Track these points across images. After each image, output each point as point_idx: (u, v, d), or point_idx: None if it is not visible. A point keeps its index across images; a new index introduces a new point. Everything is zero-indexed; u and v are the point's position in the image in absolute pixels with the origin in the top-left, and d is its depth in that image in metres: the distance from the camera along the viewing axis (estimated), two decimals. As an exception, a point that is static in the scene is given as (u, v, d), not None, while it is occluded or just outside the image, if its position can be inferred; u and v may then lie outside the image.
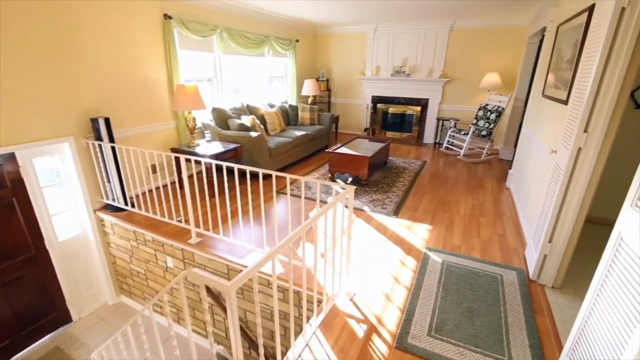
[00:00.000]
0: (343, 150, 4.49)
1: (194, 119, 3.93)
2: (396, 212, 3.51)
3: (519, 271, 2.48)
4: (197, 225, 2.94)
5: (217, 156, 3.76)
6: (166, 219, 3.06)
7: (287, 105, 6.03)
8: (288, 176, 2.31)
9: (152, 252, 3.30)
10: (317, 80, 7.30)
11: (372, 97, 7.16)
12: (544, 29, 4.10)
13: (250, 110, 5.14)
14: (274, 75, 6.31)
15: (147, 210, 3.24)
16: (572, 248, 2.21)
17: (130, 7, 3.52)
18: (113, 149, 3.26)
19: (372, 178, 4.55)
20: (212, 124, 4.51)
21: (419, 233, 3.10)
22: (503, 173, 4.95)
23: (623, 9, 1.74)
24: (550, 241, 2.24)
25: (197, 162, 4.13)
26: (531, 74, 5.17)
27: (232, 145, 4.04)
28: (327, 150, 4.34)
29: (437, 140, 6.60)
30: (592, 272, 1.39)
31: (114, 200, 3.46)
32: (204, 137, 4.55)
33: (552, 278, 2.31)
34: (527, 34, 5.12)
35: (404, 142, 6.88)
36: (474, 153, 5.97)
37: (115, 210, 3.51)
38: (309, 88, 6.42)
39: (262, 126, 4.65)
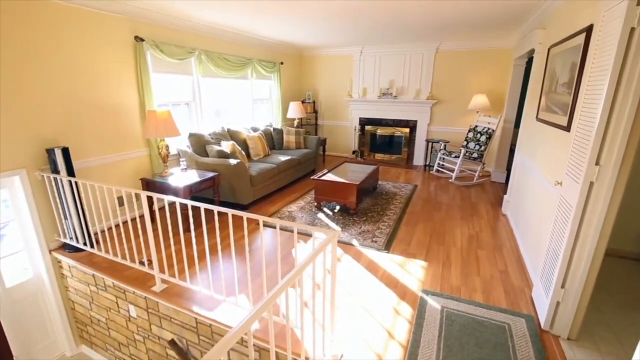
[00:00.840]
0: (329, 177, 4.22)
1: (166, 146, 3.62)
2: (388, 247, 3.21)
3: (528, 318, 2.19)
4: (161, 269, 2.58)
5: (191, 187, 3.44)
6: (127, 262, 2.69)
7: (272, 129, 5.79)
8: (261, 218, 1.99)
9: (114, 299, 2.89)
10: (303, 102, 7.13)
11: (360, 119, 7.01)
12: (531, 51, 4.01)
13: (231, 135, 4.87)
14: (258, 98, 6.10)
15: (107, 252, 2.86)
16: (588, 293, 1.94)
17: (96, 28, 3.27)
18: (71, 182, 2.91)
19: (362, 206, 4.28)
20: (189, 150, 4.21)
21: (413, 271, 2.80)
22: (497, 197, 4.74)
23: (632, 29, 1.56)
24: (562, 286, 1.97)
25: (171, 194, 3.81)
26: (520, 96, 5.09)
27: (209, 174, 3.73)
28: (312, 178, 4.07)
29: (427, 162, 6.42)
30: (611, 317, 1.11)
31: (71, 239, 3.07)
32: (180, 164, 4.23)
33: (567, 328, 2.02)
34: (513, 56, 5.07)
35: (394, 165, 6.68)
36: (465, 176, 5.79)
37: (73, 250, 3.12)
38: (295, 111, 6.22)
39: (243, 152, 4.37)
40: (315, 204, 4.18)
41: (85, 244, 3.02)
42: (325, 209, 4.16)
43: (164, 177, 3.61)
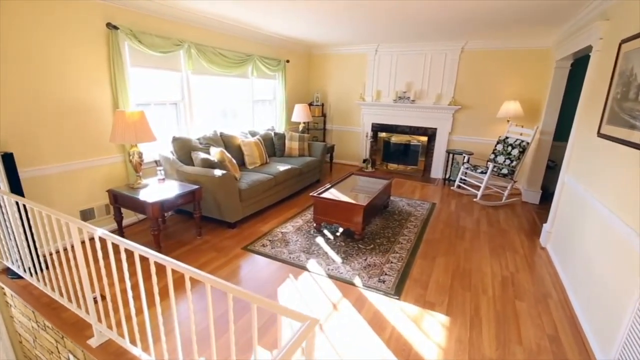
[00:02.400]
0: (332, 193, 3.58)
1: (139, 153, 3.07)
2: (399, 290, 2.55)
3: None
4: (99, 318, 1.98)
5: (162, 203, 2.87)
6: (64, 301, 2.13)
7: (273, 134, 5.20)
8: (188, 272, 1.35)
9: (54, 342, 2.34)
10: (311, 105, 6.52)
11: (372, 124, 6.35)
12: (583, 50, 3.28)
13: (224, 140, 4.30)
14: (260, 99, 5.53)
15: (45, 284, 2.31)
16: None
17: (59, 11, 2.75)
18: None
19: (369, 228, 3.62)
20: (173, 157, 3.65)
21: (432, 332, 2.13)
22: (531, 223, 4.00)
23: None
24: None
25: (140, 210, 3.27)
26: (562, 103, 4.33)
27: (189, 187, 3.16)
28: (311, 194, 3.45)
29: (447, 176, 5.69)
30: None
31: (14, 262, 2.54)
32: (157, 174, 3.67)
33: None
34: (554, 57, 4.32)
35: (409, 177, 5.98)
36: (491, 194, 5.04)
37: (16, 276, 2.59)
38: (300, 114, 5.62)
39: (234, 161, 3.78)
40: (315, 224, 3.54)
41: (29, 269, 2.48)
42: (325, 231, 3.52)
43: (136, 189, 3.06)
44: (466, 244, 3.37)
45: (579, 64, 4.50)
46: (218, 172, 3.27)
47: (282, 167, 4.34)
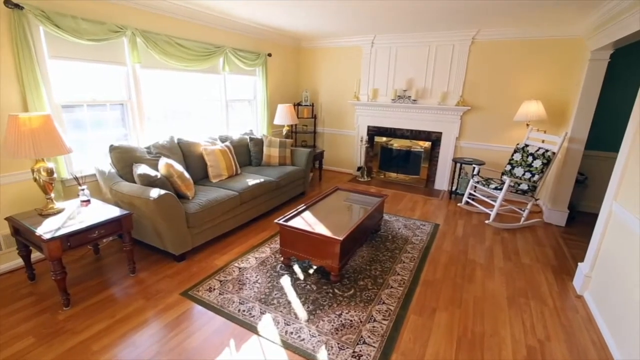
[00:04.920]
0: (304, 219, 2.82)
1: (47, 169, 2.35)
2: (380, 374, 1.79)
3: None
4: None
5: (68, 239, 2.14)
6: None
7: (248, 139, 4.46)
8: None
9: None
10: (299, 105, 5.77)
11: (368, 127, 5.57)
12: (627, 37, 2.47)
13: (182, 147, 3.57)
14: (236, 98, 4.79)
15: None
16: None
17: None
18: None
19: (352, 263, 2.86)
20: (111, 171, 2.94)
21: None
22: (559, 254, 3.19)
23: None
24: None
25: (39, 248, 2.49)
26: (597, 104, 3.51)
27: (114, 214, 2.43)
28: (277, 221, 2.69)
29: (454, 189, 4.89)
30: None
31: None
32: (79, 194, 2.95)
33: None
34: (588, 47, 3.48)
35: (409, 188, 5.19)
36: (507, 212, 4.23)
37: None
38: (283, 115, 4.87)
39: (185, 175, 3.04)
40: (282, 258, 2.79)
41: None
42: (296, 267, 2.77)
43: (44, 216, 2.35)
44: (477, 289, 2.58)
45: (621, 55, 3.66)
46: (154, 193, 2.54)
47: (253, 181, 3.60)
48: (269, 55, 5.00)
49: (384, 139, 5.57)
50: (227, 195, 3.18)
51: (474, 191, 4.31)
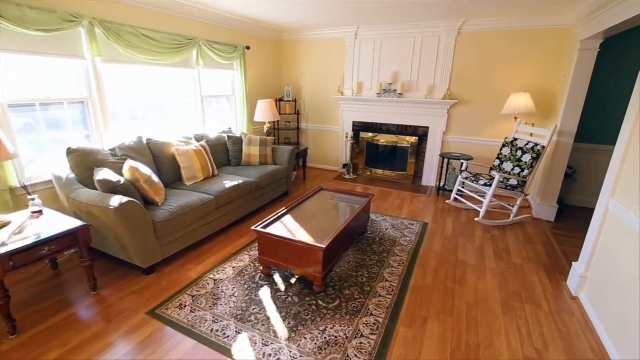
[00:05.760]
0: (284, 225, 2.61)
1: (-13, 178, 2.06)
2: (367, 401, 1.61)
3: None
4: None
5: (14, 254, 1.87)
6: None
7: (227, 137, 4.20)
8: None
9: None
10: (282, 101, 5.52)
11: (354, 123, 5.37)
12: (617, 26, 2.34)
13: (152, 148, 3.30)
14: (213, 94, 4.51)
15: None
16: None
17: None
18: None
19: (337, 270, 2.67)
20: (69, 177, 2.64)
21: None
22: (550, 252, 3.08)
23: None
24: None
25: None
26: (587, 96, 3.41)
27: (67, 226, 2.16)
28: (254, 228, 2.47)
29: (442, 185, 4.76)
30: None
31: None
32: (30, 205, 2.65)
33: None
34: (578, 37, 3.37)
35: (396, 185, 5.03)
36: (495, 209, 4.12)
37: None
38: (264, 112, 4.62)
39: (154, 179, 2.78)
40: (262, 268, 2.58)
41: None
42: (276, 277, 2.56)
43: (-13, 231, 2.06)
44: (469, 295, 2.44)
45: (610, 45, 3.57)
46: (115, 201, 2.28)
47: (231, 183, 3.36)
48: (248, 48, 4.72)
49: (370, 134, 5.39)
50: (201, 200, 2.93)
51: (462, 187, 4.18)
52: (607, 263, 2.15)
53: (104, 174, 2.54)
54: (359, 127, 5.36)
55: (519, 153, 3.70)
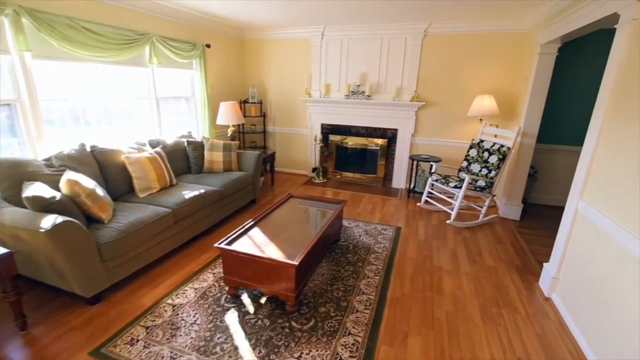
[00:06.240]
0: (251, 239, 2.39)
1: None
2: None
3: None
4: None
5: None
6: None
7: (186, 143, 3.86)
8: None
9: None
10: (246, 102, 5.25)
11: (322, 125, 5.23)
12: (575, 31, 2.40)
13: (97, 157, 2.91)
14: (169, 95, 4.14)
15: None
16: None
17: None
18: None
19: (311, 285, 2.49)
20: (-11, 192, 2.22)
21: None
22: (520, 252, 3.12)
23: None
24: None
25: None
26: (547, 98, 3.51)
27: (-14, 255, 1.78)
28: (217, 245, 2.22)
29: (412, 187, 4.74)
30: None
31: None
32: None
33: None
34: (538, 41, 3.47)
35: (367, 188, 4.95)
36: (464, 210, 4.16)
37: None
38: (227, 114, 4.33)
39: (98, 192, 2.43)
40: (227, 288, 2.33)
41: None
42: (244, 297, 2.32)
43: None
44: (447, 303, 2.36)
45: (568, 49, 3.71)
46: (47, 222, 1.92)
47: (191, 193, 3.05)
48: (208, 46, 4.40)
49: (339, 137, 5.27)
50: (156, 214, 2.62)
51: (432, 189, 4.18)
52: (578, 264, 2.17)
53: (34, 189, 2.15)
54: (328, 130, 5.22)
55: (486, 154, 3.76)
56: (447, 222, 3.72)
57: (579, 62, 3.89)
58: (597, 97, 2.12)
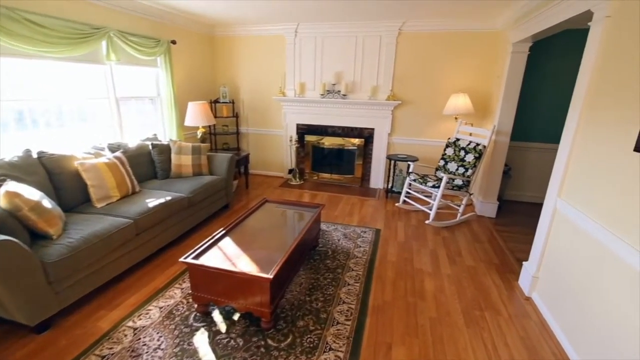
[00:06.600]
0: (221, 250, 2.20)
1: None
2: None
3: None
4: None
5: None
6: None
7: (151, 146, 3.59)
8: None
9: None
10: (216, 102, 5.00)
11: (298, 125, 5.08)
12: (544, 31, 2.40)
13: (46, 164, 2.60)
14: (131, 95, 3.84)
15: None
16: None
17: None
18: None
19: (287, 297, 2.34)
20: None
21: None
22: (498, 250, 3.12)
23: None
24: None
25: None
26: (520, 96, 3.55)
27: None
28: (182, 259, 2.02)
29: (390, 187, 4.69)
30: None
31: None
32: None
33: None
34: (510, 40, 3.49)
35: (344, 189, 4.85)
36: (442, 207, 4.14)
37: None
38: (196, 115, 4.07)
39: (44, 204, 2.15)
40: (196, 305, 2.14)
41: None
42: (215, 315, 2.14)
43: None
44: (430, 308, 2.29)
45: (538, 48, 3.77)
46: (-23, 244, 1.65)
47: (156, 201, 2.81)
48: (173, 42, 4.13)
49: (315, 137, 5.14)
50: (115, 226, 2.37)
51: (410, 188, 4.13)
52: (557, 262, 2.16)
53: (-37, 203, 1.86)
54: (304, 130, 5.08)
55: (462, 153, 3.75)
56: (426, 222, 3.68)
57: (547, 61, 3.97)
58: (572, 96, 2.11)
